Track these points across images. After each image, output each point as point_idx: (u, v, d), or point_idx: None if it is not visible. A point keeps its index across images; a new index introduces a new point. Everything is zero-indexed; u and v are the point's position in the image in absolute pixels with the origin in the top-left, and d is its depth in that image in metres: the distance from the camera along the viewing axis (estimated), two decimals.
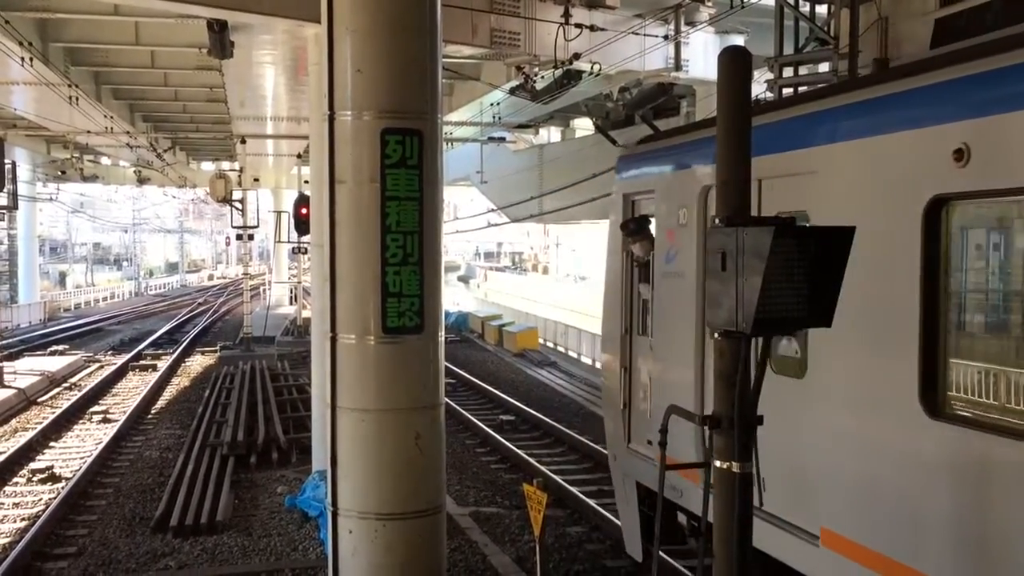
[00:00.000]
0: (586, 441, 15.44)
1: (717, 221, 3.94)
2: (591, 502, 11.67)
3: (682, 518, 7.21)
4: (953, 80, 4.60)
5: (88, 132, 26.10)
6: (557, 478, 12.74)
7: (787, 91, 8.94)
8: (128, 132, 28.01)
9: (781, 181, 5.75)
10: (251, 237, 31.11)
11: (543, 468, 13.49)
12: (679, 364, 6.83)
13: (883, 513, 4.85)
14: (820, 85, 7.95)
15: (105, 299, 56.33)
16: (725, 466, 3.91)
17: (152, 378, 23.18)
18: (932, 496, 4.56)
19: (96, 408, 19.16)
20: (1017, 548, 4.16)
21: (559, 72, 15.48)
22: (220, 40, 14.66)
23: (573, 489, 12.27)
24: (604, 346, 8.65)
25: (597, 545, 10.56)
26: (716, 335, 3.95)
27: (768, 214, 5.64)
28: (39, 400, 20.06)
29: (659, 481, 4.71)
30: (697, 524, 6.19)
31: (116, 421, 17.53)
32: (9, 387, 19.78)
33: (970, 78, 4.47)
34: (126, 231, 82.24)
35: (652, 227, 7.61)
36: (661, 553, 6.94)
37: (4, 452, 14.69)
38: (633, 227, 7.61)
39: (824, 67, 9.52)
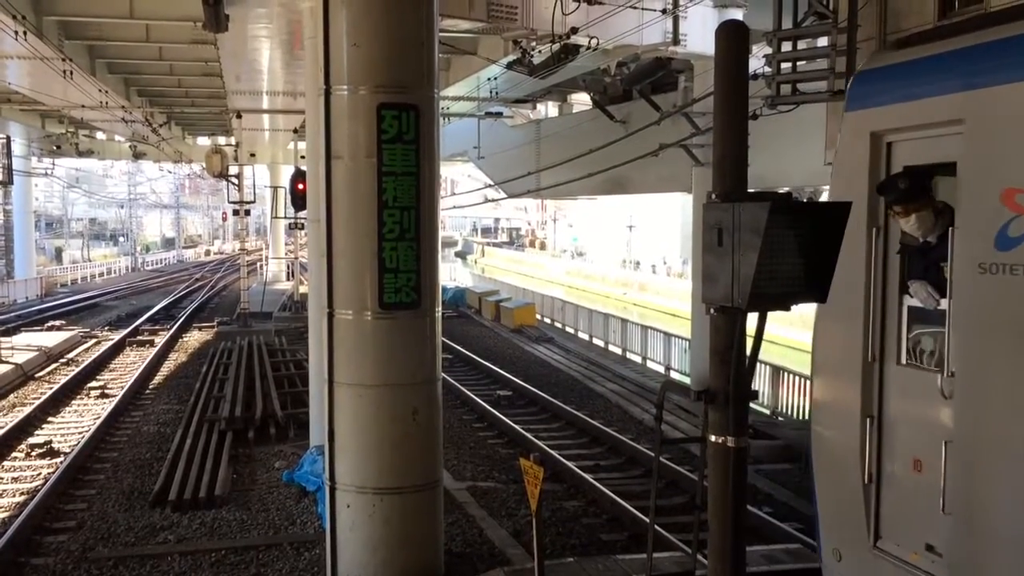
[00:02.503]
0: (583, 416, 15.52)
1: (714, 196, 3.94)
2: (588, 476, 11.76)
3: None
4: None
5: (83, 107, 25.96)
6: (554, 453, 12.82)
7: (785, 66, 8.88)
8: (123, 107, 27.81)
9: None
10: (247, 212, 31.08)
11: (540, 443, 13.56)
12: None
13: None
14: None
15: (101, 274, 56.25)
16: (720, 440, 3.96)
17: (149, 353, 23.19)
18: None
19: (94, 383, 19.20)
20: None
21: (557, 46, 15.36)
22: (215, 13, 14.51)
23: (570, 464, 12.34)
24: (823, 379, 5.62)
25: (593, 519, 10.64)
26: (712, 311, 3.98)
27: None
28: (36, 375, 20.08)
29: (655, 453, 4.75)
30: None
31: (114, 396, 17.56)
32: (7, 362, 19.78)
33: None
34: (122, 206, 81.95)
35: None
36: None
37: (2, 427, 14.71)
38: (906, 188, 4.76)
39: (823, 41, 9.48)
